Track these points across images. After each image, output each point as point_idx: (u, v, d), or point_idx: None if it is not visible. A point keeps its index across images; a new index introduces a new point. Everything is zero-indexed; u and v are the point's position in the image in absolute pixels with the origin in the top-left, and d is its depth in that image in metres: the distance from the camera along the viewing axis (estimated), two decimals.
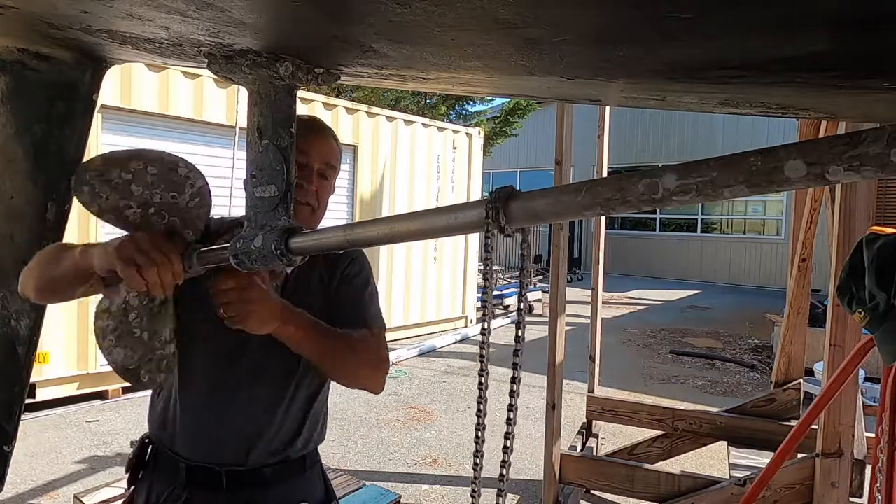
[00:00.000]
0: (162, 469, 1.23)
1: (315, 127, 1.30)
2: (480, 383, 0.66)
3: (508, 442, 0.69)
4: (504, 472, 0.68)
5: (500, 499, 0.68)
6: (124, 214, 1.01)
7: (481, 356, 0.66)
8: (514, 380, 0.67)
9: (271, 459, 1.22)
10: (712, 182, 0.52)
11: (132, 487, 1.27)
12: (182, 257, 1.00)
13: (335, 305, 1.26)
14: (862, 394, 2.90)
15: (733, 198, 0.53)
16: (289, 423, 1.25)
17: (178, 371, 1.20)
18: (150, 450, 1.27)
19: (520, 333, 0.68)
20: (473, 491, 0.67)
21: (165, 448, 1.23)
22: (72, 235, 3.14)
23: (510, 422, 0.67)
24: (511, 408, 0.67)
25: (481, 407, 0.66)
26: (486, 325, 0.67)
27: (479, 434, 0.67)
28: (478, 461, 0.66)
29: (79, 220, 4.45)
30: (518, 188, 0.65)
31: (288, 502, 1.23)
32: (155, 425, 1.26)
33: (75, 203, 1.10)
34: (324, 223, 1.27)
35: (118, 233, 1.03)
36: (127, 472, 1.28)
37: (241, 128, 5.07)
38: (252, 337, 1.11)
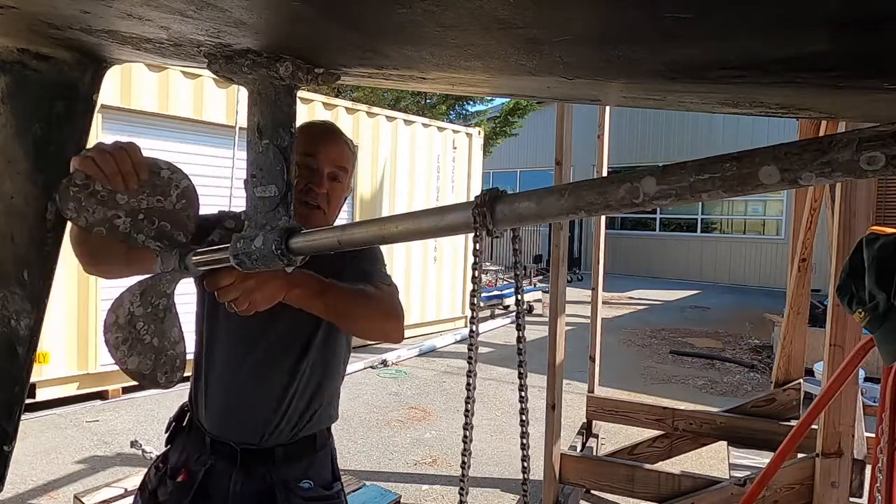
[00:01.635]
0: (194, 435, 1.37)
1: (325, 130, 1.38)
2: (468, 384, 0.67)
3: (524, 440, 0.70)
4: (525, 472, 0.68)
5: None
6: (114, 225, 1.02)
7: (469, 359, 0.67)
8: (521, 387, 0.67)
9: (282, 440, 1.33)
10: (690, 186, 0.53)
11: (169, 446, 1.41)
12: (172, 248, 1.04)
13: (345, 279, 1.28)
14: (862, 394, 2.90)
15: (710, 200, 0.54)
16: (301, 407, 1.35)
17: (205, 354, 1.36)
18: (187, 416, 1.40)
19: (520, 335, 0.68)
20: (461, 490, 0.67)
21: (196, 418, 1.37)
22: None
23: (524, 423, 0.68)
24: (523, 411, 0.68)
25: (469, 407, 0.66)
26: (474, 329, 0.68)
27: (468, 433, 0.67)
28: (465, 460, 0.66)
29: None
30: (518, 188, 0.66)
31: (295, 479, 1.33)
32: (190, 397, 1.41)
33: None
34: None
35: None
36: (166, 431, 1.43)
37: (241, 128, 5.07)
38: (269, 325, 1.25)
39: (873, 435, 1.62)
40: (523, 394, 0.68)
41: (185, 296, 1.19)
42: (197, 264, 1.03)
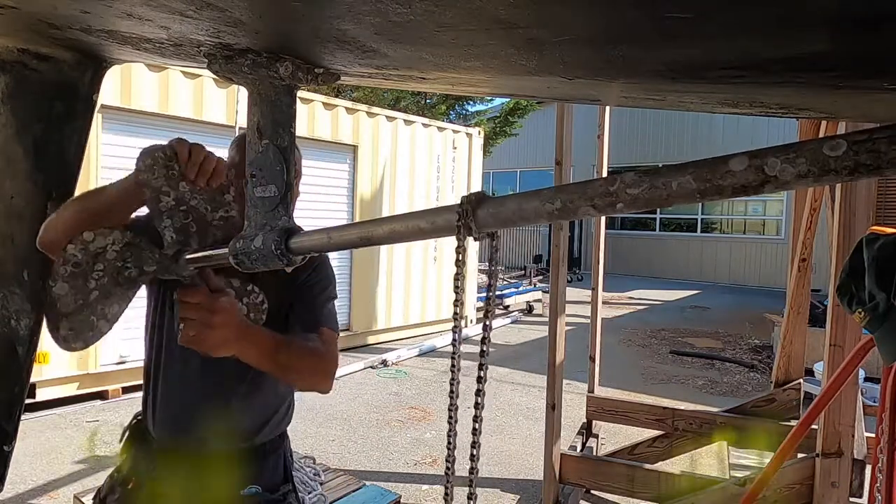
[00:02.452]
0: (145, 443, 1.37)
1: None
2: (451, 392, 0.67)
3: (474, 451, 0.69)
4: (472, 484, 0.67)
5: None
6: (160, 197, 1.06)
7: (452, 366, 0.68)
8: (478, 392, 0.67)
9: (229, 447, 1.33)
10: (667, 194, 0.54)
11: (124, 456, 1.41)
12: (175, 256, 1.06)
13: (292, 307, 1.33)
14: (862, 394, 2.90)
15: (686, 203, 0.55)
16: (248, 415, 1.35)
17: (153, 358, 1.36)
18: (139, 424, 1.41)
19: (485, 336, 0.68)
20: (446, 492, 0.68)
21: (146, 426, 1.37)
22: None
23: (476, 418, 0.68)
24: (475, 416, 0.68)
25: (452, 414, 0.67)
26: (457, 336, 0.69)
27: (451, 440, 0.68)
28: (449, 464, 0.68)
29: None
30: (518, 188, 0.66)
31: (242, 486, 1.33)
32: (143, 405, 1.40)
33: None
34: (325, 223, 1.29)
35: None
36: (119, 441, 1.44)
37: (241, 128, 5.07)
38: None
39: (873, 435, 1.62)
40: (479, 400, 0.68)
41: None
42: (188, 262, 1.05)
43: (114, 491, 1.36)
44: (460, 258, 0.66)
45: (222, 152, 1.22)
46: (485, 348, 0.72)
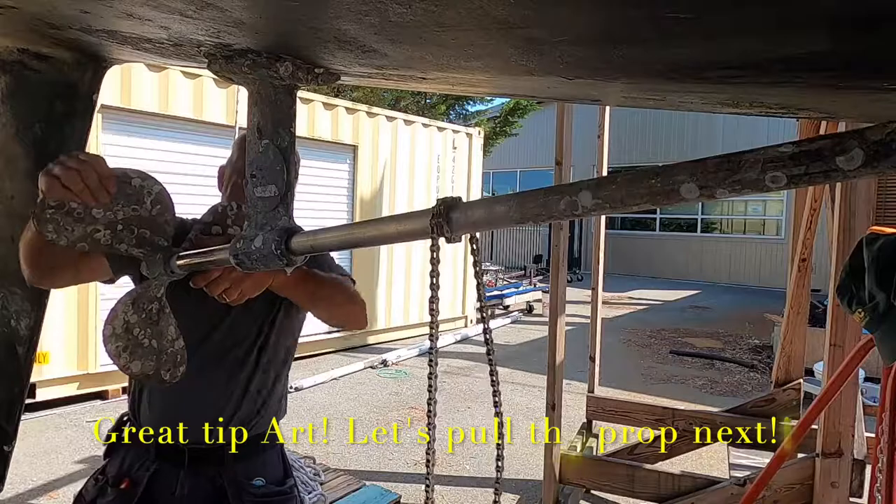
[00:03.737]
0: (136, 443, 1.35)
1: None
2: (429, 399, 0.71)
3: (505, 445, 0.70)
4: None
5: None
6: (94, 239, 1.03)
7: (430, 374, 0.70)
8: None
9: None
10: (622, 200, 0.58)
11: (107, 459, 1.39)
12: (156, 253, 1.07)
13: None
14: (862, 394, 2.90)
15: (639, 209, 0.59)
16: (246, 406, 1.35)
17: None
18: (127, 426, 1.38)
19: (488, 331, 0.68)
20: (427, 487, 0.69)
21: (137, 425, 1.35)
22: None
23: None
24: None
25: (431, 419, 0.71)
26: (434, 344, 0.71)
27: (430, 447, 0.71)
28: (429, 457, 0.72)
29: None
30: (518, 188, 0.67)
31: (245, 479, 1.33)
32: (131, 405, 1.38)
33: None
34: (325, 223, 1.32)
35: None
36: (104, 443, 1.41)
37: (241, 128, 5.07)
38: (216, 325, 1.29)
39: (873, 435, 1.62)
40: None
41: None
42: (182, 267, 1.06)
43: (104, 492, 1.32)
44: (434, 256, 0.70)
45: (222, 152, 1.23)
46: (490, 349, 0.73)
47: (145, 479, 1.30)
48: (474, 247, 0.72)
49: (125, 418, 1.41)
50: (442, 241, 0.69)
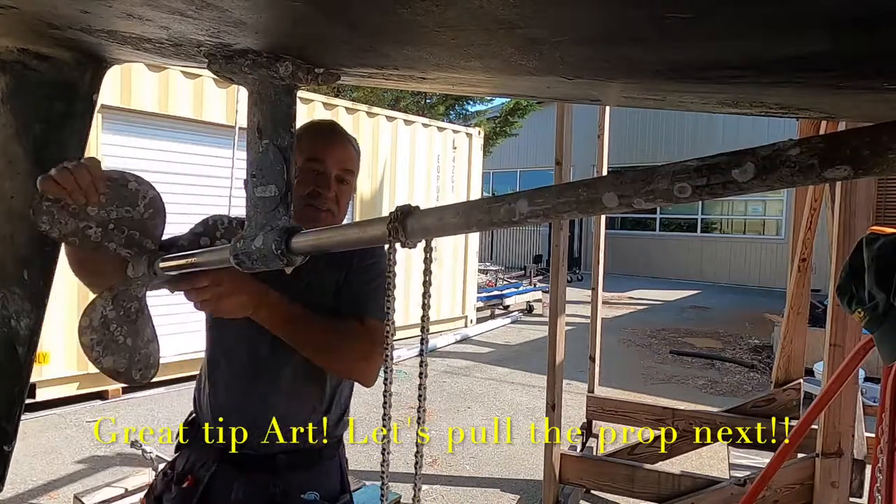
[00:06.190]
0: (199, 443, 1.35)
1: (331, 132, 1.43)
2: (385, 400, 0.75)
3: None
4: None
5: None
6: (85, 235, 1.06)
7: (389, 379, 0.73)
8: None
9: (285, 448, 1.29)
10: (553, 207, 0.62)
11: (178, 453, 1.39)
12: (148, 260, 1.09)
13: (341, 292, 1.31)
14: (862, 394, 2.90)
15: (570, 218, 0.63)
16: (304, 415, 1.31)
17: (210, 358, 1.35)
18: (195, 424, 1.39)
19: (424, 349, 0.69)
20: (382, 484, 0.71)
21: (201, 423, 1.35)
22: None
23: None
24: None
25: (385, 422, 0.76)
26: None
27: (385, 448, 0.75)
28: (385, 456, 0.77)
29: None
30: (518, 188, 0.69)
31: (300, 490, 1.29)
32: (195, 402, 1.40)
33: None
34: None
35: None
36: (177, 437, 1.42)
37: (241, 128, 5.07)
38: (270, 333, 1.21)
39: (873, 435, 1.62)
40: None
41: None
42: (164, 269, 1.07)
43: (169, 489, 1.32)
44: (391, 259, 0.74)
45: (222, 152, 1.23)
46: (421, 372, 0.76)
47: (206, 479, 1.28)
48: (428, 255, 0.74)
49: (193, 415, 1.41)
50: (443, 240, 0.70)
